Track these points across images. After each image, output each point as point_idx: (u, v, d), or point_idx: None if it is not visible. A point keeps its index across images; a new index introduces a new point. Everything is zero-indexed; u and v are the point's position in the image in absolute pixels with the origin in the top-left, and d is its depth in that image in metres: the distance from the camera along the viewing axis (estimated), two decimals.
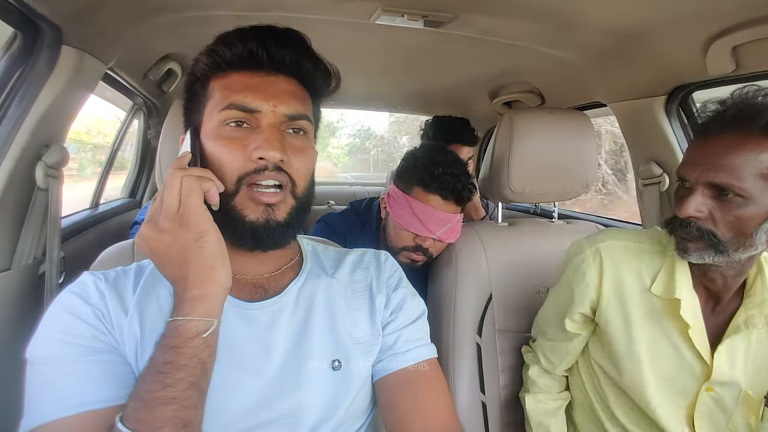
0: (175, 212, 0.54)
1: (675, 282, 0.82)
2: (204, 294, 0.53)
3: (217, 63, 0.63)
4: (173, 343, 0.51)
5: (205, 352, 0.52)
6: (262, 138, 0.59)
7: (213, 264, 0.54)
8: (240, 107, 0.60)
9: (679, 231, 0.76)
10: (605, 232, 0.93)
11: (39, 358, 0.55)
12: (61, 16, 0.92)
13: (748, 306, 0.80)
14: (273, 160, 0.59)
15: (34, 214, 1.05)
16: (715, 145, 0.72)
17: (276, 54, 0.62)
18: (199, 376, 0.51)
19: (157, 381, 0.49)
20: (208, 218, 0.55)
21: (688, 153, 0.77)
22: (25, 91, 0.96)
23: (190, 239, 0.54)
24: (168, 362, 0.50)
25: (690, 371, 0.82)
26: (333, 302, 0.69)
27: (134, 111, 1.99)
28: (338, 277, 0.72)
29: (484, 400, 1.12)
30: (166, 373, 0.50)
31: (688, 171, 0.74)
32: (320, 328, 0.66)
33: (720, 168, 0.70)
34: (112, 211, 1.88)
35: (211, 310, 0.54)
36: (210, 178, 0.58)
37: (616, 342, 0.87)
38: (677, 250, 0.78)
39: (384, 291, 0.72)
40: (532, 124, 1.18)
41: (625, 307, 0.86)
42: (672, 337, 0.83)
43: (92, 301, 0.59)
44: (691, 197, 0.73)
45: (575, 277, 0.90)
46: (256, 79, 0.62)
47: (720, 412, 0.82)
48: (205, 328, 0.52)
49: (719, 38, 1.02)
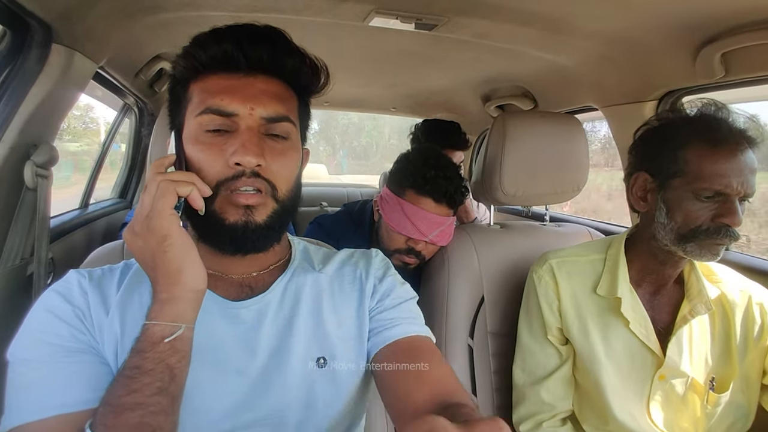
0: (145, 216, 0.54)
1: (617, 282, 0.91)
2: (171, 297, 0.53)
3: (194, 65, 0.62)
4: (140, 348, 0.51)
5: (173, 357, 0.51)
6: (238, 142, 0.58)
7: (179, 267, 0.54)
8: (216, 111, 0.59)
9: (717, 239, 0.80)
10: (554, 251, 1.02)
11: (18, 358, 0.54)
12: (51, 13, 0.91)
13: (690, 297, 0.89)
14: (249, 165, 0.57)
15: (22, 214, 1.04)
16: (743, 160, 0.79)
17: (253, 54, 0.61)
18: (168, 382, 0.50)
19: (123, 386, 0.49)
20: (173, 222, 0.54)
21: (718, 165, 0.79)
22: (13, 90, 0.95)
23: (155, 243, 0.53)
24: (135, 367, 0.50)
25: (642, 364, 0.89)
26: (320, 298, 0.68)
27: (125, 111, 1.97)
28: (326, 271, 0.71)
29: (476, 402, 1.12)
30: (133, 377, 0.49)
31: (729, 184, 0.78)
32: (305, 325, 0.65)
33: (751, 181, 0.79)
34: (101, 211, 1.86)
35: (178, 314, 0.53)
36: (192, 182, 0.56)
37: (577, 346, 0.94)
38: (710, 255, 0.82)
39: (372, 281, 0.71)
40: (524, 127, 1.19)
41: (579, 312, 0.94)
42: (622, 333, 0.91)
43: (73, 300, 0.59)
44: (737, 208, 0.79)
45: (541, 292, 0.98)
46: (233, 80, 0.61)
47: (672, 400, 0.88)
48: (170, 332, 0.52)
49: (708, 45, 1.03)
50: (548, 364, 0.97)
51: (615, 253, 0.95)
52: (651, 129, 0.90)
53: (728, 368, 0.89)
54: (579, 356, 0.94)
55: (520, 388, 1.01)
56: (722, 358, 0.89)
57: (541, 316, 0.97)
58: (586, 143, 1.23)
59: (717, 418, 0.88)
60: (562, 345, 0.97)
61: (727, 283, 0.92)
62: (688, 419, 0.88)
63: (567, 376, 0.97)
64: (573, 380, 0.98)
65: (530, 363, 1.00)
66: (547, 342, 0.97)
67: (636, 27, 1.09)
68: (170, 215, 0.54)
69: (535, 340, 0.99)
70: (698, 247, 0.81)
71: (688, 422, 0.88)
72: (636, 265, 0.93)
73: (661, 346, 0.88)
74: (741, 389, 0.88)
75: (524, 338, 1.01)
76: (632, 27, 1.09)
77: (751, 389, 0.89)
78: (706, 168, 0.79)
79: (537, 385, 0.98)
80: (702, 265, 0.92)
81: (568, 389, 0.97)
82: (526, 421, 0.99)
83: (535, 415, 0.98)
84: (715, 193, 0.79)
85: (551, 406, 0.97)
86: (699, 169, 0.79)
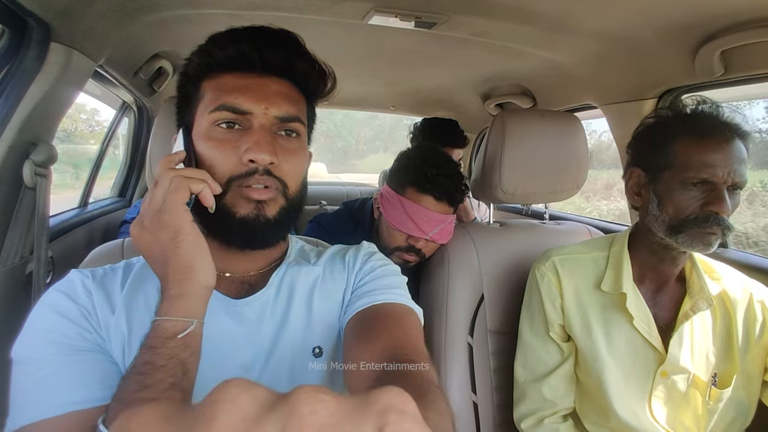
0: (156, 211, 0.54)
1: (621, 278, 0.92)
2: (181, 293, 0.53)
3: (209, 64, 0.63)
4: (152, 344, 0.51)
5: (185, 352, 0.51)
6: (252, 140, 0.59)
7: (190, 263, 0.54)
8: (231, 108, 0.60)
9: (707, 227, 0.81)
10: (556, 248, 1.03)
11: (23, 357, 0.54)
12: (49, 12, 0.90)
13: (691, 294, 0.90)
14: (263, 162, 0.59)
15: (21, 213, 1.04)
16: (729, 150, 0.80)
17: (268, 55, 0.62)
18: (180, 377, 0.50)
19: (136, 382, 0.49)
20: (186, 217, 0.55)
21: (704, 155, 0.81)
22: (12, 89, 0.95)
23: (166, 238, 0.54)
24: (147, 363, 0.49)
25: (644, 360, 0.90)
26: (312, 288, 0.68)
27: (124, 109, 1.97)
28: (319, 263, 0.72)
29: (475, 400, 1.13)
30: (146, 373, 0.49)
31: (715, 173, 0.80)
32: (300, 315, 0.66)
33: (740, 170, 0.80)
34: (101, 210, 1.86)
35: (189, 309, 0.53)
36: (203, 179, 0.57)
37: (579, 343, 0.94)
38: (701, 245, 0.83)
39: (358, 265, 0.72)
40: (524, 125, 1.19)
41: (582, 309, 0.95)
42: (624, 330, 0.91)
43: (79, 300, 0.59)
44: (724, 196, 0.80)
45: (543, 289, 0.98)
46: (248, 80, 0.62)
47: (674, 397, 0.89)
48: (182, 328, 0.52)
49: (708, 43, 1.03)
50: (550, 360, 0.98)
51: (618, 249, 0.95)
52: (645, 127, 0.93)
53: (730, 365, 0.89)
54: (581, 353, 0.94)
55: (521, 385, 1.01)
56: (724, 355, 0.90)
57: (543, 313, 0.98)
58: (585, 141, 1.23)
59: (718, 414, 0.88)
60: (563, 342, 0.97)
61: (728, 281, 0.92)
62: (690, 416, 0.89)
63: (569, 374, 0.97)
64: (575, 377, 0.98)
65: (531, 360, 1.00)
66: (548, 339, 0.98)
67: (635, 25, 1.09)
68: (183, 210, 0.55)
69: (536, 336, 1.00)
70: (689, 237, 0.83)
71: (689, 419, 0.89)
72: (637, 261, 0.93)
73: (663, 342, 0.89)
74: (742, 385, 0.89)
75: (526, 335, 1.02)
76: (631, 25, 1.09)
77: (752, 386, 0.89)
78: (692, 158, 0.81)
79: (538, 382, 0.98)
80: (703, 262, 0.93)
81: (570, 386, 0.97)
82: (527, 418, 0.99)
83: (537, 412, 0.98)
84: (701, 181, 0.81)
85: (553, 403, 0.97)
86: (686, 160, 0.82)
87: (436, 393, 0.48)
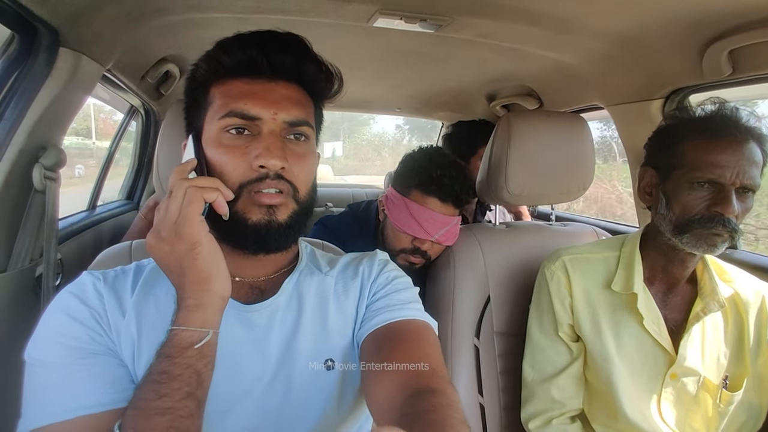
0: (173, 222, 0.54)
1: (632, 278, 0.91)
2: (199, 304, 0.53)
3: (217, 69, 0.63)
4: (168, 353, 0.51)
5: (200, 362, 0.52)
6: (263, 146, 0.59)
7: (207, 274, 0.54)
8: (240, 114, 0.60)
9: (711, 228, 0.80)
10: (565, 249, 1.02)
11: (35, 360, 0.55)
12: (58, 18, 0.91)
13: (702, 295, 0.89)
14: (274, 168, 0.59)
15: (30, 216, 1.05)
16: (740, 151, 0.80)
17: (276, 60, 0.62)
18: (195, 386, 0.51)
19: (153, 390, 0.49)
20: (203, 228, 0.55)
21: (712, 156, 0.80)
22: (22, 93, 0.96)
23: (184, 249, 0.54)
24: (163, 371, 0.50)
25: (654, 362, 0.89)
26: (326, 300, 0.68)
27: (132, 113, 1.99)
28: (332, 274, 0.72)
29: (482, 402, 1.12)
30: (162, 382, 0.49)
31: (723, 174, 0.79)
32: (311, 326, 0.65)
33: (750, 172, 0.79)
34: (109, 213, 1.88)
35: (206, 320, 0.53)
36: (217, 187, 0.57)
37: (589, 343, 0.93)
38: (706, 246, 0.82)
39: (372, 277, 0.71)
40: (529, 126, 1.18)
41: (592, 309, 0.94)
42: (634, 330, 0.91)
43: (90, 302, 0.59)
44: (731, 197, 0.79)
45: (553, 288, 0.98)
46: (256, 85, 0.62)
47: (684, 399, 0.88)
48: (199, 339, 0.52)
49: (716, 42, 1.02)
50: (558, 361, 0.97)
51: (630, 250, 0.95)
52: (660, 128, 0.93)
53: (741, 368, 0.88)
54: (590, 354, 0.93)
55: (530, 385, 1.01)
56: (735, 357, 0.89)
57: (553, 313, 0.97)
58: (591, 142, 1.23)
59: (729, 417, 0.87)
60: (572, 342, 0.97)
61: (740, 283, 0.92)
62: (700, 418, 0.88)
63: (578, 374, 0.96)
64: (583, 378, 0.97)
65: (540, 360, 0.99)
66: (557, 339, 0.97)
67: (642, 25, 1.08)
68: (200, 222, 0.55)
69: (545, 336, 0.99)
70: (694, 238, 0.82)
71: (699, 421, 0.88)
72: (648, 262, 0.93)
73: (674, 344, 0.88)
74: (753, 388, 0.88)
75: (534, 335, 1.01)
76: (638, 25, 1.08)
77: (764, 389, 0.88)
78: (701, 158, 0.81)
79: (547, 383, 0.97)
80: (715, 264, 0.92)
81: (579, 387, 0.97)
82: (535, 418, 0.99)
83: (545, 412, 0.97)
84: (708, 181, 0.81)
85: (561, 403, 0.96)
86: (695, 159, 0.82)
87: (459, 428, 0.47)
